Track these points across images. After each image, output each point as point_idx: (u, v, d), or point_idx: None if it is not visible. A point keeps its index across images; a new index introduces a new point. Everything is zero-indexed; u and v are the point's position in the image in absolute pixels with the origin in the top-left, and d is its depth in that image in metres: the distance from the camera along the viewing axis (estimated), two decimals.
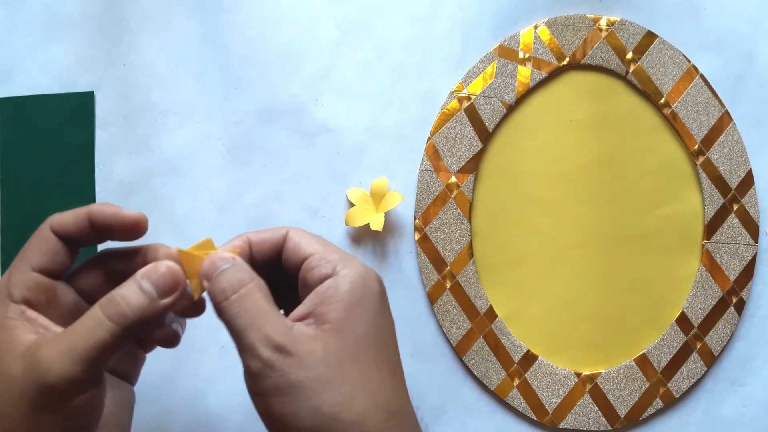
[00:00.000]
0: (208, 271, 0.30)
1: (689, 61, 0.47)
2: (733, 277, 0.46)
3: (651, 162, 0.47)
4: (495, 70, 0.47)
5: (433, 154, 0.46)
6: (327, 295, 0.29)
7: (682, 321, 0.46)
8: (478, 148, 0.46)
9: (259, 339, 0.28)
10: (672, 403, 0.46)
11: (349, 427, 0.27)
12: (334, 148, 0.47)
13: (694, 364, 0.46)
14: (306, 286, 0.31)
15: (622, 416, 0.46)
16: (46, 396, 0.27)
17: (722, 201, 0.47)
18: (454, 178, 0.46)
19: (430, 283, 0.46)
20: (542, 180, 0.47)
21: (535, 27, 0.47)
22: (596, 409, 0.46)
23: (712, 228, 0.47)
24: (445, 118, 0.47)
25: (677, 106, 0.47)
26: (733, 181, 0.47)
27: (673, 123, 0.47)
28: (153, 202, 0.47)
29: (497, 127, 0.47)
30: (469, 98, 0.47)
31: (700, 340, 0.46)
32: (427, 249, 0.46)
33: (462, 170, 0.46)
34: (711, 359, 0.46)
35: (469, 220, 0.46)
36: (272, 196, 0.47)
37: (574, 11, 0.47)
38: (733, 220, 0.46)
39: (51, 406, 0.27)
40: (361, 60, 0.47)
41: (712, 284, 0.46)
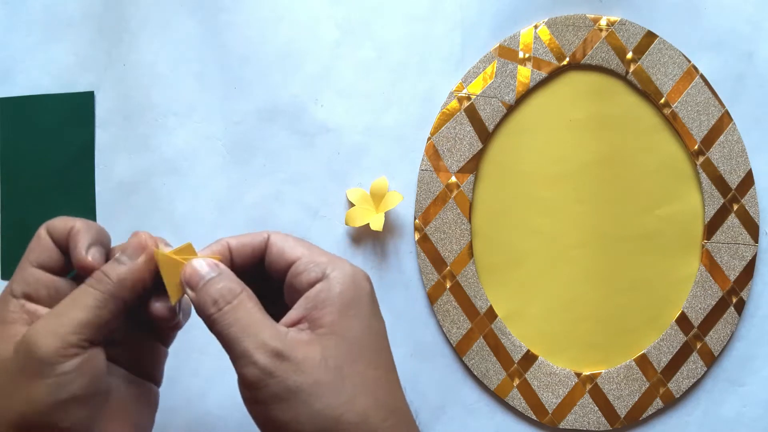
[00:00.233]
0: (192, 280, 0.30)
1: (689, 61, 0.47)
2: (733, 277, 0.46)
3: (651, 162, 0.47)
4: (495, 70, 0.47)
5: (433, 154, 0.46)
6: (319, 299, 0.29)
7: (682, 321, 0.46)
8: (478, 148, 0.46)
9: (255, 346, 0.28)
10: (672, 403, 0.46)
11: (351, 428, 0.27)
12: (334, 148, 0.47)
13: (694, 364, 0.46)
14: (294, 291, 0.30)
15: (622, 416, 0.46)
16: (36, 361, 0.28)
17: (722, 201, 0.47)
18: (454, 178, 0.46)
19: (430, 283, 0.46)
20: (542, 180, 0.47)
21: (535, 27, 0.47)
22: (596, 409, 0.46)
23: (712, 228, 0.47)
24: (445, 118, 0.47)
25: (677, 106, 0.47)
26: (733, 181, 0.47)
27: (673, 123, 0.47)
28: (153, 202, 0.47)
29: (497, 127, 0.47)
30: (469, 98, 0.47)
31: (700, 340, 0.46)
32: (427, 249, 0.46)
33: (462, 170, 0.46)
34: (711, 359, 0.46)
35: (469, 220, 0.46)
36: (272, 196, 0.47)
37: (574, 11, 0.47)
38: (733, 220, 0.46)
39: (40, 372, 0.28)
40: (361, 60, 0.47)
41: (712, 284, 0.46)
